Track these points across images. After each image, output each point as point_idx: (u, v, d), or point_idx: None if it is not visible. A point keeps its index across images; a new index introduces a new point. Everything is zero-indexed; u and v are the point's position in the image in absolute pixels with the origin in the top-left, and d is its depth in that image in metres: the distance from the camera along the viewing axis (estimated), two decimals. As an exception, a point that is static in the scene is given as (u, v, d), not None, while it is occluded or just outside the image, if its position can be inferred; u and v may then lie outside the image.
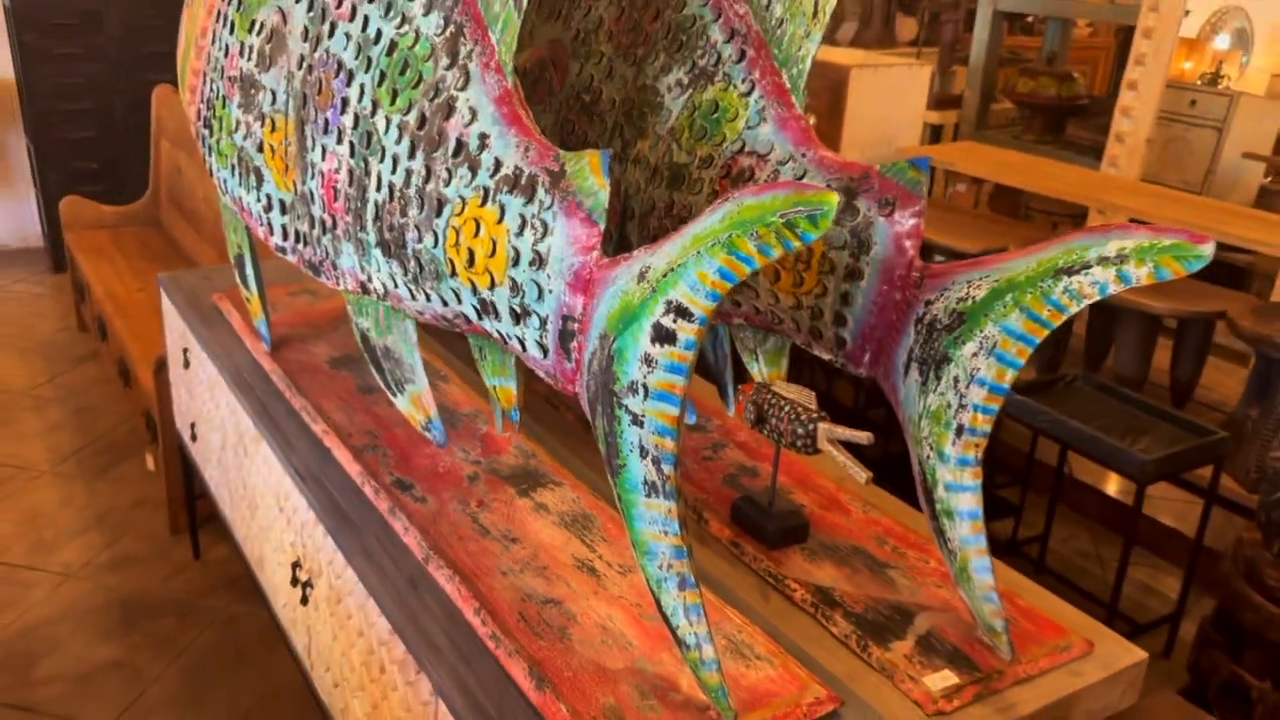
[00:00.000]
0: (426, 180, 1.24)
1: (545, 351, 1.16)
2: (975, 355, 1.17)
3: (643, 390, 0.98)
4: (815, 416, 1.33)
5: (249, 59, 1.52)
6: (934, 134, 4.69)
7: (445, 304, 1.28)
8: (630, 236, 1.61)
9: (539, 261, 1.12)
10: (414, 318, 1.41)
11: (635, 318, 0.98)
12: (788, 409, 1.35)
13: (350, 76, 1.32)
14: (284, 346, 1.84)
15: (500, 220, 1.16)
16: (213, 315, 2.02)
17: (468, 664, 1.11)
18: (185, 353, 2.10)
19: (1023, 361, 1.16)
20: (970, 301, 1.18)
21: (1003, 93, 4.37)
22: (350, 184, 1.35)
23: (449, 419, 1.63)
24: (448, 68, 1.23)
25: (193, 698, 2.09)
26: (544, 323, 1.14)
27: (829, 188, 1.34)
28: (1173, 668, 2.30)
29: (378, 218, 1.32)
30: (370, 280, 1.39)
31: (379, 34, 1.30)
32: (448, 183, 1.21)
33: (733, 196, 0.91)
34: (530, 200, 1.13)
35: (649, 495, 1.01)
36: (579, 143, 1.65)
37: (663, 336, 0.96)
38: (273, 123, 1.49)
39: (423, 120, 1.24)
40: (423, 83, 1.25)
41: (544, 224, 1.12)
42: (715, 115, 1.48)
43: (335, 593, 1.39)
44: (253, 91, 1.52)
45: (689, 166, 1.51)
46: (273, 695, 2.10)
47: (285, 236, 1.56)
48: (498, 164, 1.17)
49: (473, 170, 1.19)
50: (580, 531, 1.35)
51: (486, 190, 1.18)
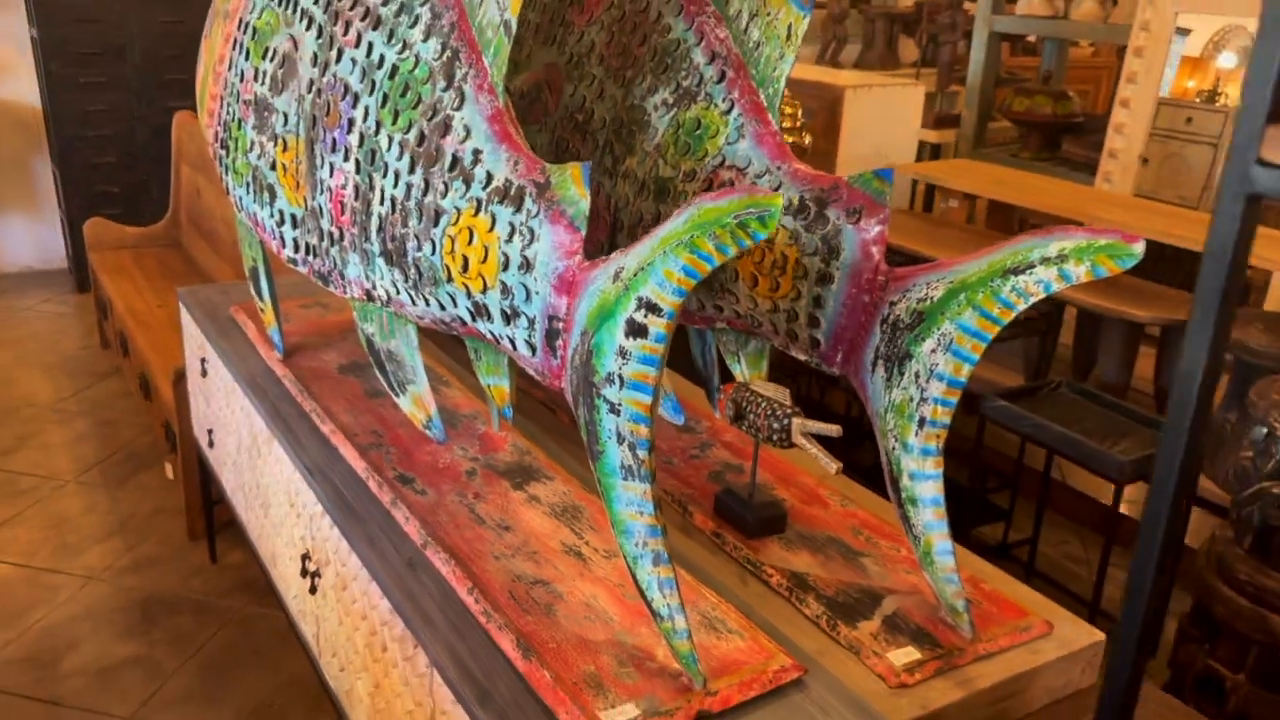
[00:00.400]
0: (425, 193, 1.34)
1: (534, 350, 1.25)
2: (934, 351, 1.25)
3: (619, 381, 1.07)
4: (790, 412, 1.41)
5: (263, 83, 1.63)
6: (934, 152, 4.78)
7: (443, 308, 1.37)
8: (620, 247, 1.70)
9: (527, 266, 1.22)
10: (415, 322, 1.51)
11: (611, 314, 1.08)
12: (764, 405, 1.43)
13: (356, 99, 1.43)
14: (296, 354, 1.95)
15: (491, 228, 1.26)
16: (229, 326, 2.12)
17: (460, 637, 1.20)
18: (203, 362, 2.21)
19: (977, 357, 1.25)
20: (929, 301, 1.27)
21: (999, 111, 4.46)
22: (356, 198, 1.45)
23: (450, 420, 1.72)
24: (444, 89, 1.34)
25: (209, 691, 2.18)
26: (532, 323, 1.24)
27: (802, 198, 1.45)
28: (1156, 665, 2.35)
29: (381, 229, 1.42)
30: (375, 288, 1.49)
31: (382, 59, 1.40)
32: (444, 195, 1.31)
33: (694, 202, 1.01)
34: (519, 209, 1.23)
35: (626, 478, 1.09)
36: (572, 159, 1.75)
37: (635, 331, 1.05)
38: (284, 142, 1.59)
39: (422, 138, 1.34)
40: (422, 103, 1.35)
41: (531, 231, 1.21)
42: (698, 132, 1.58)
43: (341, 579, 1.49)
44: (266, 114, 1.63)
45: (674, 180, 1.61)
46: (285, 688, 2.19)
47: (296, 249, 1.66)
48: (489, 177, 1.27)
49: (467, 183, 1.29)
50: (570, 521, 1.44)
51: (479, 201, 1.27)
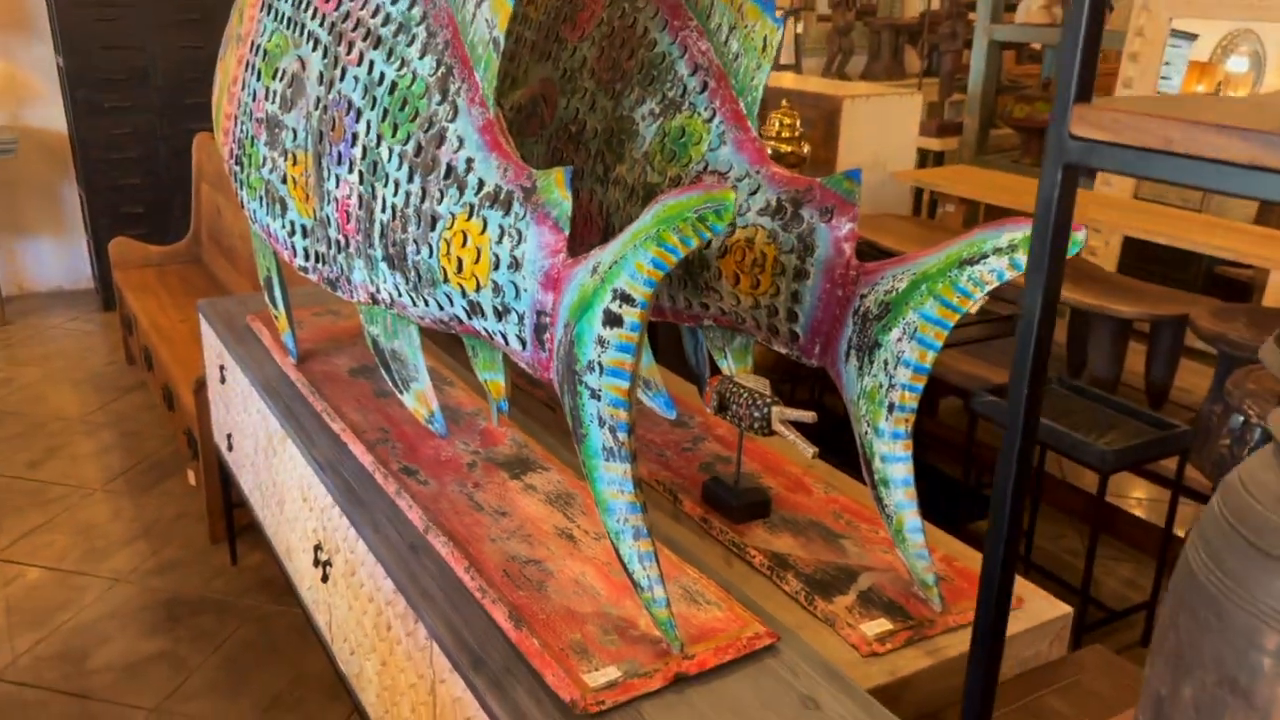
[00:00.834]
0: (423, 200, 1.43)
1: (524, 344, 1.34)
2: (900, 340, 1.33)
3: (598, 368, 1.16)
4: (769, 401, 1.49)
5: (273, 102, 1.73)
6: (938, 159, 4.85)
7: (441, 308, 1.47)
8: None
9: (515, 265, 1.31)
10: (417, 323, 1.61)
11: (590, 306, 1.16)
12: (745, 396, 1.51)
13: (359, 114, 1.53)
14: (308, 359, 2.04)
15: (483, 231, 1.35)
16: (245, 334, 2.22)
17: (457, 611, 1.28)
18: (222, 369, 2.31)
19: (940, 344, 1.32)
20: (895, 293, 1.35)
21: (1001, 118, 4.53)
22: (360, 207, 1.55)
23: (453, 417, 1.81)
24: (440, 103, 1.43)
25: (230, 684, 2.28)
26: (521, 318, 1.33)
27: (780, 199, 1.53)
28: (1140, 649, 2.41)
29: (383, 235, 1.51)
30: (378, 291, 1.59)
31: (382, 76, 1.50)
32: (440, 201, 1.41)
33: (659, 199, 1.10)
34: (508, 213, 1.32)
35: (607, 459, 1.18)
36: (566, 168, 1.84)
37: (612, 320, 1.14)
38: (294, 157, 1.69)
39: (419, 149, 1.44)
40: (419, 116, 1.45)
41: (519, 232, 1.30)
42: (683, 140, 1.67)
43: (350, 565, 1.58)
44: (277, 130, 1.73)
45: (661, 186, 1.69)
46: (301, 681, 2.28)
47: (307, 258, 1.76)
48: (481, 183, 1.36)
49: (460, 189, 1.38)
50: (563, 506, 1.53)
51: (472, 206, 1.37)
